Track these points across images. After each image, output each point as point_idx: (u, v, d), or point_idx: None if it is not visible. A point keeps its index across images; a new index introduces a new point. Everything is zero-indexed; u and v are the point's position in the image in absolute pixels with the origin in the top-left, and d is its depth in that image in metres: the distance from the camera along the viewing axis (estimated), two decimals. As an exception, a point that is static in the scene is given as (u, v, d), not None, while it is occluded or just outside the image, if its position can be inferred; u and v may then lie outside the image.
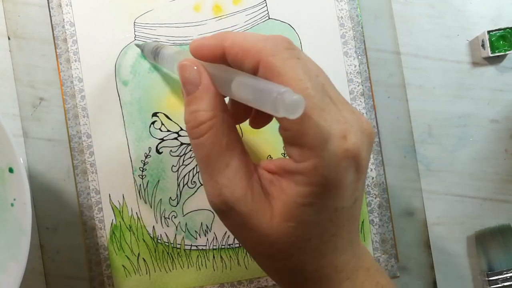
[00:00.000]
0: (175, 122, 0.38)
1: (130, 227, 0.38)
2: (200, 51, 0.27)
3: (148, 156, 0.38)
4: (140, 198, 0.38)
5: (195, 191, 0.38)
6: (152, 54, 0.35)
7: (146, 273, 0.38)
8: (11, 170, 0.30)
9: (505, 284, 0.37)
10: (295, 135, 0.23)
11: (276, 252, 0.25)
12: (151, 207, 0.38)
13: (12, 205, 0.31)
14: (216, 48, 0.26)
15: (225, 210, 0.26)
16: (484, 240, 0.38)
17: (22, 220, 0.30)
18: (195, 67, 0.26)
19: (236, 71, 0.25)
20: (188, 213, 0.38)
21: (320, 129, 0.23)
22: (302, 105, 0.21)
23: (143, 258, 0.38)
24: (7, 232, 0.31)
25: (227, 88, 0.25)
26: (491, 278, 0.37)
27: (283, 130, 0.24)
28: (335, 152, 0.23)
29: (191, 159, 0.38)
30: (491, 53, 0.38)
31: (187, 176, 0.38)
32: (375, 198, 0.38)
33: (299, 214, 0.24)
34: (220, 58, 0.26)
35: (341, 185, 0.24)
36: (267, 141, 0.38)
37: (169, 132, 0.38)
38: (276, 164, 0.25)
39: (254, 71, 0.24)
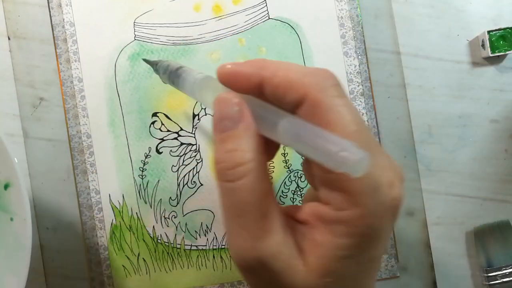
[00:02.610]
0: (175, 122, 0.38)
1: (130, 227, 0.38)
2: (233, 79, 0.23)
3: (148, 156, 0.38)
4: (140, 198, 0.38)
5: (195, 191, 0.38)
6: (168, 76, 0.31)
7: (146, 273, 0.38)
8: (7, 186, 0.30)
9: (504, 280, 0.37)
10: (340, 179, 0.21)
11: None
12: (151, 207, 0.38)
13: (11, 219, 0.31)
14: (253, 77, 0.23)
15: (254, 267, 0.22)
16: (483, 236, 0.38)
17: (22, 236, 0.29)
18: (237, 102, 0.23)
19: (279, 111, 0.22)
20: (188, 213, 0.38)
21: (371, 175, 0.21)
22: (366, 163, 0.19)
23: (143, 258, 0.38)
24: (7, 246, 0.31)
25: (269, 128, 0.22)
26: (490, 274, 0.38)
27: (322, 171, 0.21)
28: (383, 201, 0.21)
29: (191, 159, 0.38)
30: (491, 53, 0.38)
31: (187, 176, 0.38)
32: (375, 198, 0.38)
33: (338, 268, 0.22)
34: (254, 89, 0.23)
35: (381, 235, 0.22)
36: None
37: (169, 132, 0.38)
38: (307, 212, 0.23)
39: (295, 107, 0.22)
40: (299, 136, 0.20)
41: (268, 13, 0.39)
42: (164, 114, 0.38)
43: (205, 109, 0.38)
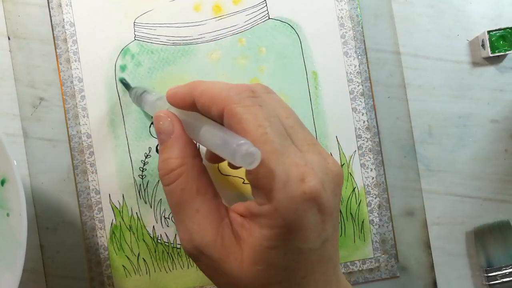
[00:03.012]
0: (175, 122, 0.38)
1: (130, 227, 0.38)
2: (174, 99, 0.28)
3: (148, 156, 0.38)
4: (140, 198, 0.38)
5: (195, 191, 0.38)
6: (135, 98, 0.36)
7: (146, 273, 0.38)
8: (3, 182, 0.30)
9: (504, 280, 0.37)
10: (255, 178, 0.24)
11: None
12: (151, 207, 0.38)
13: (8, 215, 0.31)
14: (187, 96, 0.27)
15: (196, 255, 0.26)
16: (483, 236, 0.38)
17: (17, 232, 0.29)
18: (169, 118, 0.28)
19: (206, 120, 0.26)
20: (188, 213, 0.38)
21: (277, 173, 0.23)
22: (258, 157, 0.22)
23: (143, 258, 0.38)
24: (2, 242, 0.31)
25: (197, 135, 0.26)
26: (490, 274, 0.38)
27: (246, 172, 0.25)
28: (292, 195, 0.23)
29: (191, 159, 0.38)
30: (491, 53, 0.38)
31: (187, 176, 0.38)
32: (375, 198, 0.38)
33: (266, 257, 0.24)
34: (192, 105, 0.27)
35: (302, 227, 0.24)
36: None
37: (169, 132, 0.38)
38: (244, 206, 0.26)
39: (220, 119, 0.25)
40: (212, 139, 0.25)
41: (268, 13, 0.39)
42: (164, 114, 0.38)
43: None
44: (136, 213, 0.38)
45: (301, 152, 0.25)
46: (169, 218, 0.38)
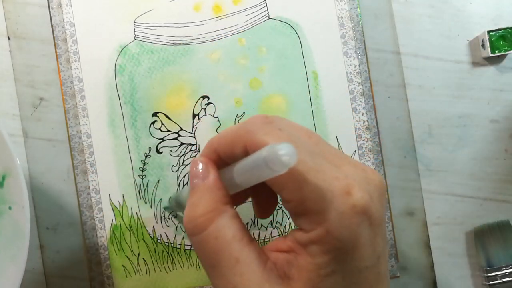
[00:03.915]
0: (175, 122, 0.38)
1: (130, 227, 0.38)
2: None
3: (148, 156, 0.38)
4: (140, 198, 0.38)
5: (195, 191, 0.38)
6: (176, 204, 0.35)
7: (146, 273, 0.38)
8: (4, 177, 0.30)
9: (504, 280, 0.37)
10: (297, 204, 0.22)
11: None
12: (151, 207, 0.38)
13: (10, 208, 0.31)
14: (212, 155, 0.26)
15: None
16: (483, 236, 0.38)
17: (21, 224, 0.30)
18: (205, 163, 0.26)
19: (234, 163, 0.25)
20: (188, 213, 0.38)
21: (320, 190, 0.22)
22: (292, 149, 0.20)
23: (143, 258, 0.38)
24: (6, 235, 0.31)
25: (233, 182, 0.24)
26: (490, 274, 0.38)
27: (285, 203, 0.23)
28: (342, 211, 0.22)
29: (191, 159, 0.38)
30: (491, 53, 0.38)
31: (187, 176, 0.38)
32: (375, 198, 0.38)
33: (326, 286, 0.22)
34: (219, 161, 0.26)
35: (358, 243, 0.22)
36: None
37: (169, 132, 0.38)
38: (288, 240, 0.24)
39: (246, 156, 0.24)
40: (244, 168, 0.23)
41: (268, 13, 0.39)
42: (164, 114, 0.38)
43: (205, 109, 0.38)
44: (136, 213, 0.38)
45: (336, 167, 0.23)
46: (169, 218, 0.38)
